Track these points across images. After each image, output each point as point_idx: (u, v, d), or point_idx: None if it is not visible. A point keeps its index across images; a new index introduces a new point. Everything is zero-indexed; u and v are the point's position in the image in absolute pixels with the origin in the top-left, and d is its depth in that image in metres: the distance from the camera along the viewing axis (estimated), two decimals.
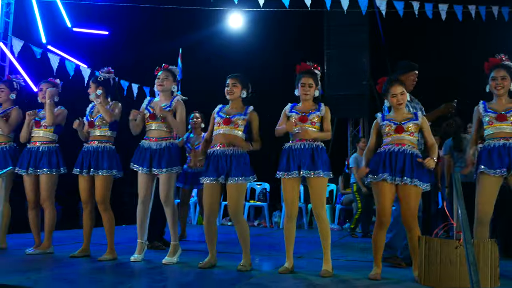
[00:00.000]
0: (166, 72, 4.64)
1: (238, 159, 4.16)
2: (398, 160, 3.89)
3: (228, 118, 4.24)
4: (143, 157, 4.48)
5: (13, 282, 3.37)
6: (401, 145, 3.94)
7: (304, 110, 4.17)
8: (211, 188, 4.24)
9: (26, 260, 4.51)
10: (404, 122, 4.00)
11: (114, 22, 11.41)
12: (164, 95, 4.63)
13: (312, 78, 4.20)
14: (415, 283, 3.78)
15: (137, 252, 4.52)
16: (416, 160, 3.89)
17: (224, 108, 4.39)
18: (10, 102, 5.26)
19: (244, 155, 4.21)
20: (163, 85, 4.59)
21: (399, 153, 3.92)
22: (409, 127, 3.99)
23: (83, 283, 3.51)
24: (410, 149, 3.94)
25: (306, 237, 7.34)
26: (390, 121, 4.05)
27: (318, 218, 4.09)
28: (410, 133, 3.99)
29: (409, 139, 3.98)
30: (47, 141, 4.96)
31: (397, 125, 4.00)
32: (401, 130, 3.99)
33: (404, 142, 3.96)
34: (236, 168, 4.12)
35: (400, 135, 3.98)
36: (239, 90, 4.33)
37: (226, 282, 3.69)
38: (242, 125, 4.25)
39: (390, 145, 3.97)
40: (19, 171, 4.93)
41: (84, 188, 4.73)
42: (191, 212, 9.65)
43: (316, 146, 4.09)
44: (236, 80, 4.35)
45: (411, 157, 3.90)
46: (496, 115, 4.11)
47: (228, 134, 4.22)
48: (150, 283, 3.62)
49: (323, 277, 3.89)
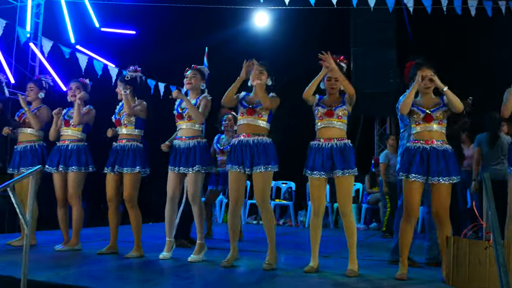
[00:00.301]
0: (194, 71, 4.68)
1: (263, 148, 4.16)
2: (430, 160, 3.84)
3: (251, 108, 4.24)
4: (173, 157, 4.54)
5: (43, 278, 3.44)
6: (430, 142, 3.88)
7: (331, 104, 4.14)
8: (235, 175, 4.25)
9: (55, 256, 4.59)
10: (433, 110, 3.92)
11: (141, 22, 11.51)
12: (193, 93, 4.66)
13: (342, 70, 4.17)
14: (442, 284, 3.72)
15: (165, 250, 4.56)
16: (447, 155, 3.83)
17: (248, 96, 4.36)
18: (39, 101, 5.37)
19: (268, 144, 4.20)
20: (191, 83, 4.62)
21: (430, 151, 3.86)
22: (438, 115, 3.91)
23: (110, 280, 3.55)
24: (439, 145, 3.87)
25: (332, 236, 7.29)
26: (418, 108, 3.97)
27: (344, 217, 4.06)
28: (439, 122, 3.91)
29: (437, 129, 3.90)
30: (76, 140, 5.04)
31: (426, 114, 3.93)
32: (430, 119, 3.91)
33: (433, 137, 3.89)
34: (261, 157, 4.13)
35: (429, 124, 3.91)
36: (265, 77, 4.32)
37: (251, 281, 3.69)
38: (265, 115, 4.24)
39: (420, 142, 3.91)
40: (48, 169, 5.02)
41: (111, 186, 4.79)
42: (217, 211, 9.69)
43: (344, 144, 4.06)
44: (263, 67, 4.34)
45: (443, 155, 3.84)
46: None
47: (252, 124, 4.22)
48: (176, 281, 3.65)
49: (349, 277, 3.86)
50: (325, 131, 4.11)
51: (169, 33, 12.26)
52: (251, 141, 4.19)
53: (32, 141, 5.24)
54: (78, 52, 9.57)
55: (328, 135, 4.08)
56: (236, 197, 4.28)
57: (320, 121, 4.13)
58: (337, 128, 4.09)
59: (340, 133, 4.10)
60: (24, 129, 5.27)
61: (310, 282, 3.70)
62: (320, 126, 4.14)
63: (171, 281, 3.59)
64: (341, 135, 4.10)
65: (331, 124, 4.09)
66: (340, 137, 4.08)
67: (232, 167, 4.23)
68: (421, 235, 6.52)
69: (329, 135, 4.08)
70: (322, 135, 4.12)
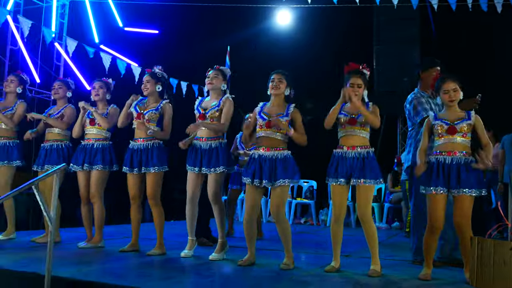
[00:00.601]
0: (216, 71, 4.67)
1: (282, 162, 4.13)
2: (451, 172, 3.79)
3: (270, 121, 4.19)
4: (193, 157, 4.54)
5: (66, 275, 3.49)
6: (453, 154, 3.83)
7: (353, 112, 4.08)
8: (253, 189, 4.25)
9: (78, 253, 4.66)
10: (457, 123, 3.87)
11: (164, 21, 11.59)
12: (214, 93, 4.65)
13: (361, 78, 4.11)
14: (466, 285, 3.67)
15: (187, 248, 4.59)
16: (470, 167, 3.77)
17: (266, 107, 4.33)
18: (65, 100, 5.46)
19: (288, 157, 4.17)
20: (212, 83, 4.62)
21: (452, 164, 3.81)
22: (462, 128, 3.86)
23: (132, 277, 3.58)
24: (462, 157, 3.82)
25: (354, 235, 7.22)
26: (442, 120, 3.93)
27: (365, 223, 4.03)
28: (463, 134, 3.86)
29: (461, 142, 3.85)
30: (101, 139, 5.09)
31: (449, 126, 3.88)
32: (454, 131, 3.86)
33: (456, 148, 3.84)
34: (279, 170, 4.09)
35: (453, 136, 3.86)
36: (284, 86, 4.28)
37: (272, 279, 3.69)
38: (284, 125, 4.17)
39: (442, 154, 3.86)
40: (73, 167, 5.08)
41: (133, 184, 4.82)
42: (238, 209, 9.70)
43: (367, 153, 4.02)
44: (282, 76, 4.30)
45: (465, 167, 3.79)
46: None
47: (272, 137, 4.20)
48: (197, 279, 3.67)
49: (371, 277, 3.83)
50: (347, 139, 4.08)
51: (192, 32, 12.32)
52: (270, 154, 4.16)
53: (58, 140, 5.32)
54: (102, 52, 9.67)
55: (351, 143, 4.05)
56: (252, 210, 4.27)
57: (343, 129, 4.10)
58: (360, 136, 4.07)
59: (363, 141, 4.07)
60: (51, 129, 5.35)
61: (331, 281, 3.68)
62: (342, 134, 4.11)
63: (192, 279, 3.61)
64: (364, 143, 4.06)
65: (353, 133, 4.07)
66: (363, 145, 4.05)
67: (249, 180, 4.20)
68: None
69: (352, 143, 4.05)
70: (345, 143, 4.09)
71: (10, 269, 3.67)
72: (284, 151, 4.18)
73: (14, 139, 5.48)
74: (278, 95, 4.29)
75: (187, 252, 4.55)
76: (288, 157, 4.18)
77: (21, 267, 3.70)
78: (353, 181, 3.98)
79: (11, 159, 5.39)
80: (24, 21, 8.31)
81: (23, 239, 5.37)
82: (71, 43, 9.30)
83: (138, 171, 4.73)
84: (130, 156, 4.76)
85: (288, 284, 3.55)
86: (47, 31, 9.14)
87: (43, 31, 9.06)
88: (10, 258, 4.15)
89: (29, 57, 10.01)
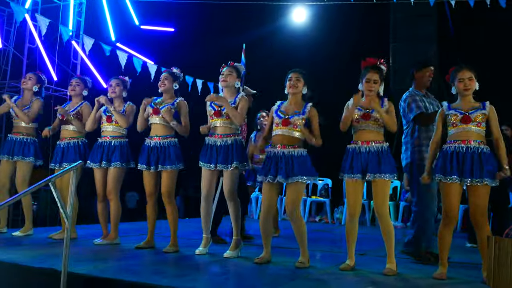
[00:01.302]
0: (230, 68, 4.65)
1: (298, 160, 4.10)
2: (466, 161, 3.74)
3: (286, 118, 4.18)
4: (209, 154, 4.52)
5: (82, 271, 3.52)
6: (467, 142, 3.78)
7: (368, 107, 4.05)
8: (269, 187, 4.24)
9: (94, 250, 4.70)
10: (471, 112, 3.82)
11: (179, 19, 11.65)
12: (228, 91, 4.64)
13: (378, 73, 4.08)
14: (483, 284, 3.63)
15: (202, 246, 4.60)
16: (484, 156, 3.72)
17: (283, 105, 4.32)
18: (81, 97, 5.50)
19: (304, 156, 4.15)
20: (226, 81, 4.60)
21: (467, 153, 3.76)
22: (476, 117, 3.80)
23: (147, 274, 3.59)
24: (477, 145, 3.77)
25: (369, 234, 7.21)
26: (456, 110, 3.88)
27: (381, 218, 4.00)
28: (478, 123, 3.80)
29: (475, 130, 3.80)
30: (118, 136, 5.13)
31: (464, 115, 3.83)
32: (468, 120, 3.81)
33: (471, 137, 3.79)
34: (296, 168, 4.06)
35: (467, 125, 3.81)
36: (301, 85, 4.27)
37: (286, 278, 3.68)
38: (300, 125, 4.17)
39: (456, 143, 3.82)
40: (91, 164, 5.12)
41: (149, 182, 4.83)
42: (252, 207, 9.71)
43: (381, 148, 3.99)
44: (300, 75, 4.28)
45: (479, 156, 3.73)
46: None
47: (287, 135, 4.18)
48: (212, 276, 3.68)
49: (387, 276, 3.81)
50: (361, 134, 4.05)
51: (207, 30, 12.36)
52: (287, 152, 4.14)
53: (74, 138, 5.36)
54: (118, 50, 9.72)
55: (365, 138, 4.03)
56: (269, 208, 4.26)
57: (357, 123, 4.07)
58: (374, 131, 4.04)
59: (377, 136, 4.04)
60: (66, 126, 5.40)
61: (346, 280, 3.67)
62: (357, 129, 4.09)
63: (207, 277, 3.62)
64: (378, 138, 4.04)
65: (367, 127, 4.04)
66: (377, 140, 4.02)
67: (266, 178, 4.19)
68: (460, 234, 6.39)
69: (366, 138, 4.02)
70: (359, 138, 4.06)
71: (28, 265, 3.71)
72: (300, 149, 4.17)
73: (31, 136, 5.56)
74: (296, 94, 4.28)
75: (201, 250, 4.55)
76: (304, 154, 4.16)
77: (38, 263, 3.74)
78: (369, 175, 3.95)
79: (27, 155, 5.46)
80: (42, 20, 8.39)
81: (40, 236, 5.44)
82: (88, 41, 9.37)
83: (155, 169, 4.75)
84: (147, 154, 4.77)
85: (303, 283, 3.55)
86: (64, 29, 9.22)
87: (60, 29, 9.14)
88: (27, 254, 4.19)
89: (47, 55, 10.12)
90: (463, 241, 6.10)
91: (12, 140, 5.53)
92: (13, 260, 3.84)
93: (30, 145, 5.52)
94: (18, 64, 9.74)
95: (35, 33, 9.78)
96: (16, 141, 5.52)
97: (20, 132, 5.56)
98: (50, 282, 3.43)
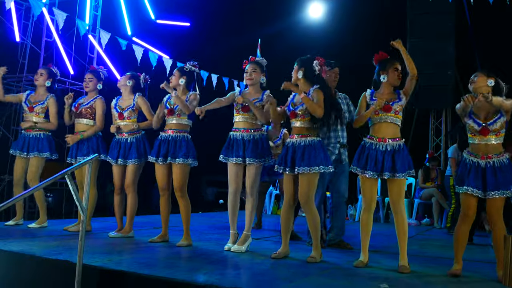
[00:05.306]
0: (253, 65, 4.60)
1: (310, 149, 4.08)
2: (486, 176, 3.72)
3: (294, 111, 4.19)
4: (235, 148, 4.50)
5: (97, 263, 3.55)
6: (487, 157, 3.76)
7: (387, 98, 4.03)
8: (289, 178, 4.23)
9: (108, 242, 4.73)
10: (490, 123, 3.79)
11: (195, 14, 11.65)
12: (254, 88, 4.59)
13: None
14: (497, 283, 3.59)
15: (230, 242, 4.59)
16: (504, 168, 3.71)
17: (295, 98, 4.29)
18: (95, 91, 5.53)
19: (317, 144, 4.11)
20: (252, 79, 4.56)
21: (487, 168, 3.74)
22: (495, 128, 3.78)
23: (161, 267, 3.61)
24: (496, 159, 3.74)
25: (382, 230, 7.17)
26: (475, 121, 3.85)
27: (397, 215, 3.98)
28: (497, 133, 3.78)
29: (495, 142, 3.78)
30: (133, 131, 5.17)
31: (482, 127, 3.80)
32: (487, 132, 3.79)
33: (489, 151, 3.77)
34: (307, 158, 4.04)
35: (486, 137, 3.79)
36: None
37: (299, 273, 3.67)
38: (308, 114, 4.12)
39: (476, 157, 3.80)
40: (109, 159, 5.17)
41: (161, 175, 4.85)
42: (266, 202, 9.71)
43: (398, 146, 3.97)
44: (296, 65, 4.31)
45: (500, 170, 3.71)
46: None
47: (296, 126, 4.18)
48: (225, 271, 3.68)
49: (400, 273, 3.78)
50: (379, 128, 4.02)
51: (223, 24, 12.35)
52: (300, 142, 4.12)
53: None
54: (134, 44, 9.78)
55: (382, 134, 4.00)
56: (291, 197, 4.25)
57: (376, 115, 4.03)
58: (392, 125, 4.00)
59: (394, 131, 4.01)
60: (80, 120, 5.44)
61: (360, 276, 3.64)
62: (375, 121, 4.05)
63: (220, 271, 3.62)
64: (395, 134, 4.01)
65: (387, 119, 4.00)
66: (394, 137, 3.99)
67: (285, 169, 4.17)
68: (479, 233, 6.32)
69: (384, 135, 3.99)
70: (376, 133, 4.03)
71: (43, 256, 3.75)
72: (313, 137, 4.14)
73: (45, 131, 5.60)
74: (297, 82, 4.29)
75: (229, 246, 4.53)
76: (317, 144, 4.12)
77: (53, 255, 3.77)
78: (385, 174, 3.93)
79: (42, 151, 5.52)
80: (59, 14, 8.44)
81: (56, 228, 5.49)
82: (104, 35, 9.42)
83: (164, 161, 4.75)
84: (158, 146, 4.79)
85: (316, 279, 3.53)
86: (81, 23, 9.28)
87: (77, 23, 9.20)
88: (43, 246, 4.23)
89: (64, 49, 10.20)
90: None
91: (26, 137, 5.58)
92: (29, 252, 3.88)
93: (43, 140, 5.57)
94: (35, 57, 9.83)
95: (52, 27, 9.86)
96: (29, 137, 5.56)
97: (32, 127, 5.60)
98: (65, 274, 3.46)
